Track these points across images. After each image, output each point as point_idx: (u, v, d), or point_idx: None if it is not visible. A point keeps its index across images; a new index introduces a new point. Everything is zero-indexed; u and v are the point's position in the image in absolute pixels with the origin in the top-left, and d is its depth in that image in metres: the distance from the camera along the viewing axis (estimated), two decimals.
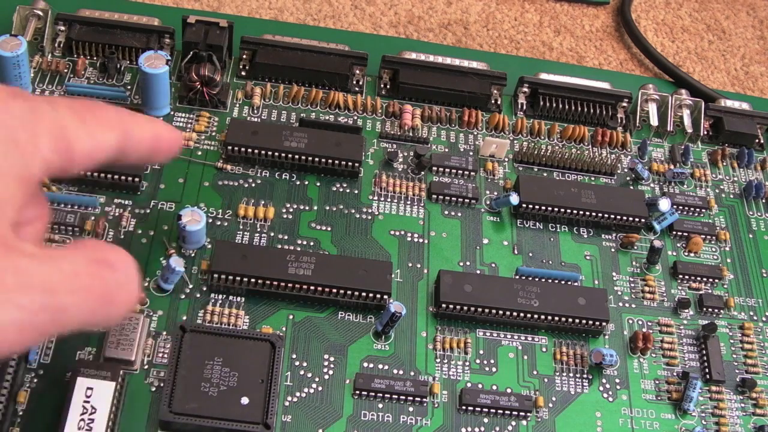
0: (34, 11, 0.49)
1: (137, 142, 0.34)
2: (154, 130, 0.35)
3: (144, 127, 0.34)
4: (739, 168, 0.53)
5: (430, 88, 0.51)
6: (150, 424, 0.37)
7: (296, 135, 0.46)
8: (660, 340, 0.45)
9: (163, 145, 0.36)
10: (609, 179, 0.50)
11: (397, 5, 0.62)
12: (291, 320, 0.42)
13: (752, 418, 0.43)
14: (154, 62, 0.45)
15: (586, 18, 0.64)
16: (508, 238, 0.47)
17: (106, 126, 0.32)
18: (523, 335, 0.43)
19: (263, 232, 0.44)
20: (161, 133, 0.35)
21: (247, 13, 0.58)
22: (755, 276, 0.48)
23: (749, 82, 0.62)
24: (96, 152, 0.31)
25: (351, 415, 0.39)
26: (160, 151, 0.36)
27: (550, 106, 0.52)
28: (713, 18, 0.66)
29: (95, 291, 0.28)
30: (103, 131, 0.32)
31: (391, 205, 0.47)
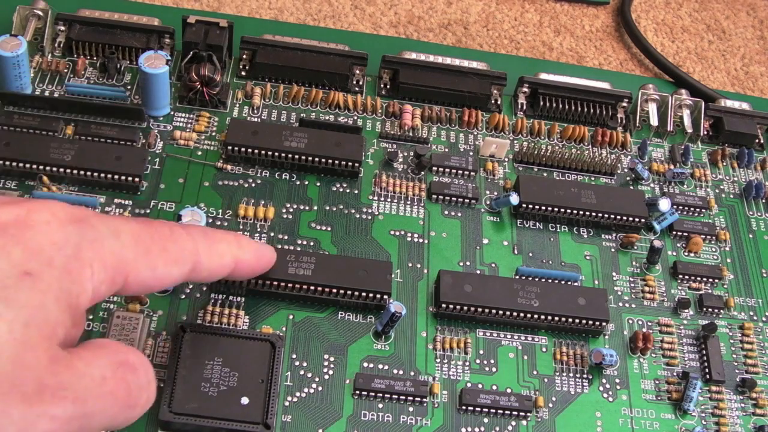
0: (34, 11, 0.49)
1: (210, 273, 0.33)
2: (235, 254, 0.34)
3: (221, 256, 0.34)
4: (739, 168, 0.53)
5: (430, 88, 0.51)
6: (150, 424, 0.37)
7: (296, 135, 0.46)
8: (660, 340, 0.45)
9: (245, 267, 0.35)
10: (609, 179, 0.50)
11: (397, 5, 0.62)
12: (291, 320, 0.42)
13: (752, 418, 0.43)
14: (154, 62, 0.45)
15: (586, 18, 0.64)
16: (508, 238, 0.47)
17: (173, 261, 0.31)
18: (523, 335, 0.43)
19: (263, 232, 0.44)
20: (243, 257, 0.35)
21: (247, 13, 0.58)
22: (755, 276, 0.48)
23: (749, 82, 0.62)
24: (155, 285, 0.31)
25: (351, 415, 0.39)
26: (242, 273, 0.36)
27: (550, 106, 0.52)
28: (713, 18, 0.66)
29: (120, 396, 0.29)
30: (168, 266, 0.31)
31: (391, 205, 0.47)
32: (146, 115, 0.47)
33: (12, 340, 0.25)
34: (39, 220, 0.28)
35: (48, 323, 0.26)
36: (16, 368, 0.25)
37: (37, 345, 0.26)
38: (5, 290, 0.25)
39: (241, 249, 0.35)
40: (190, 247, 0.32)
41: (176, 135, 0.47)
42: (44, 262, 0.27)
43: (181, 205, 0.44)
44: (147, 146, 0.46)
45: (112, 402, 0.28)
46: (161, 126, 0.47)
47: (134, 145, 0.46)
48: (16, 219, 0.27)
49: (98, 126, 0.46)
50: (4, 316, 0.25)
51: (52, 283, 0.27)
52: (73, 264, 0.28)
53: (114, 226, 0.30)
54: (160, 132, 0.47)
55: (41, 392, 0.26)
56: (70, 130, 0.46)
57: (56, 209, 0.28)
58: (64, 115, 0.47)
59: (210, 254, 0.33)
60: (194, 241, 0.33)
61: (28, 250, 0.27)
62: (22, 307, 0.26)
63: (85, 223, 0.29)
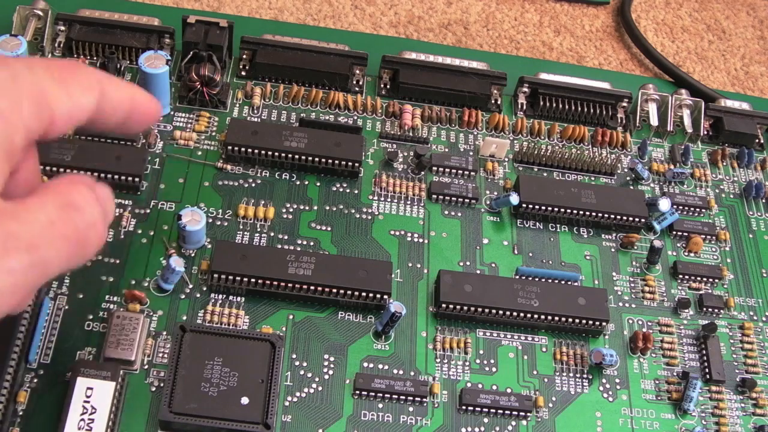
0: (34, 11, 0.49)
1: (115, 104, 0.33)
2: (131, 92, 0.35)
3: (121, 89, 0.34)
4: (739, 168, 0.53)
5: (430, 88, 0.51)
6: (150, 424, 0.37)
7: (296, 135, 0.46)
8: (660, 340, 0.45)
9: (140, 109, 0.35)
10: (609, 179, 0.50)
11: (397, 5, 0.62)
12: (291, 320, 0.42)
13: (752, 418, 0.43)
14: (154, 62, 0.45)
15: (586, 18, 0.64)
16: (508, 238, 0.47)
17: (85, 87, 0.32)
18: (523, 335, 0.43)
19: (263, 232, 0.44)
20: (137, 96, 0.35)
21: (247, 13, 0.58)
22: (755, 276, 0.48)
23: (749, 82, 0.62)
24: (75, 114, 0.31)
25: (351, 415, 0.39)
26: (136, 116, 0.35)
27: (550, 106, 0.52)
28: (713, 18, 0.66)
29: (70, 237, 0.29)
30: (83, 92, 0.31)
31: (391, 205, 0.47)
32: None
33: None
34: None
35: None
36: None
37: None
38: None
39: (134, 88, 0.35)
40: (95, 77, 0.33)
41: (176, 135, 0.47)
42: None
43: (181, 205, 0.44)
44: (147, 146, 0.46)
45: (63, 244, 0.28)
46: (161, 126, 0.47)
47: (134, 145, 0.46)
48: None
49: None
50: None
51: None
52: (2, 104, 0.27)
53: (26, 63, 0.30)
54: (160, 132, 0.47)
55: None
56: None
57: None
58: None
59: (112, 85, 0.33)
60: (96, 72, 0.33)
61: None
62: None
63: (1, 62, 0.29)
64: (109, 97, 0.33)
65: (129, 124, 0.36)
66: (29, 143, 0.29)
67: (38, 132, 0.29)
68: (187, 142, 0.47)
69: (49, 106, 0.29)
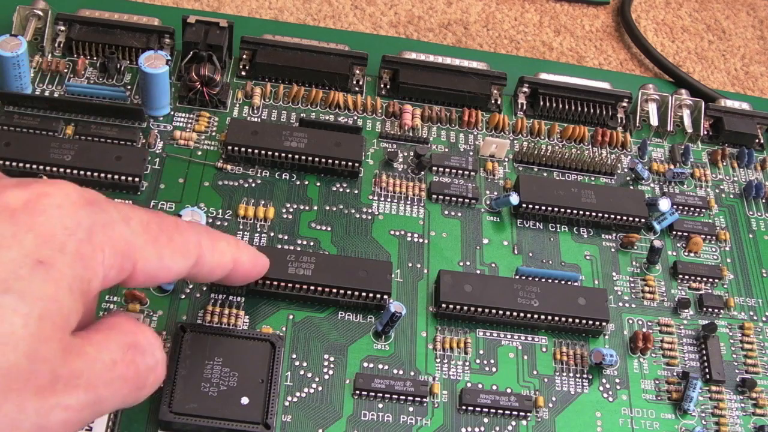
0: (34, 11, 0.49)
1: (213, 267, 0.33)
2: (235, 255, 0.34)
3: (222, 254, 0.34)
4: (739, 168, 0.53)
5: (430, 88, 0.51)
6: (150, 424, 0.37)
7: (296, 135, 0.46)
8: (660, 340, 0.45)
9: (241, 269, 0.35)
10: (609, 179, 0.50)
11: (397, 5, 0.62)
12: (291, 320, 0.42)
13: (752, 418, 0.43)
14: (154, 62, 0.45)
15: (586, 18, 0.64)
16: (508, 238, 0.47)
17: (179, 252, 0.31)
18: (523, 335, 0.43)
19: (263, 232, 0.44)
20: (242, 258, 0.35)
21: (247, 13, 0.58)
22: (755, 276, 0.48)
23: (749, 82, 0.62)
24: (160, 275, 0.31)
25: (351, 415, 0.39)
26: (237, 276, 0.36)
27: (550, 106, 0.52)
28: (713, 18, 0.66)
29: (130, 379, 0.29)
30: (175, 257, 0.31)
31: (391, 205, 0.47)
32: (146, 115, 0.47)
33: (27, 335, 0.25)
34: (50, 204, 0.27)
35: (62, 314, 0.26)
36: (30, 362, 0.25)
37: (51, 337, 0.25)
38: (19, 282, 0.25)
39: (239, 250, 0.35)
40: (195, 240, 0.32)
41: (176, 135, 0.47)
42: (57, 249, 0.26)
43: (181, 205, 0.44)
44: (147, 146, 0.46)
45: (122, 385, 0.28)
46: (161, 126, 0.47)
47: (134, 145, 0.46)
48: (26, 204, 0.27)
49: (98, 126, 0.46)
50: (20, 310, 0.25)
51: (65, 271, 0.26)
52: (86, 248, 0.27)
53: (124, 212, 0.29)
54: (160, 132, 0.47)
55: (54, 383, 0.26)
56: (70, 130, 0.46)
57: (68, 191, 0.28)
58: (64, 115, 0.47)
59: (212, 250, 0.33)
60: (198, 235, 0.33)
61: (40, 236, 0.26)
62: (37, 299, 0.25)
63: (97, 206, 0.28)
64: (206, 261, 0.33)
65: (231, 281, 0.36)
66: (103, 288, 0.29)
67: (116, 281, 0.29)
68: (187, 142, 0.47)
69: (134, 263, 0.29)
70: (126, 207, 0.30)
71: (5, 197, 0.26)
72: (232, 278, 0.36)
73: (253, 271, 0.37)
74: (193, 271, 0.32)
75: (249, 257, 0.36)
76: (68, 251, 0.26)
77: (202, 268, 0.33)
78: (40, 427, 0.25)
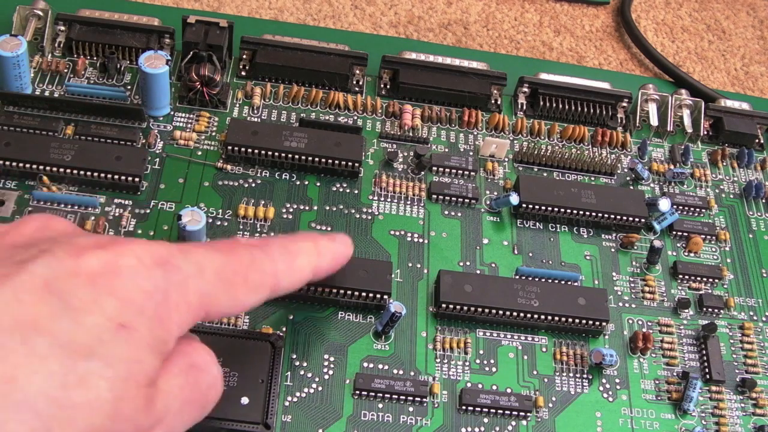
0: (34, 11, 0.49)
1: (287, 290, 0.33)
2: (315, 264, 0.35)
3: (300, 271, 0.34)
4: (739, 168, 0.53)
5: (430, 88, 0.51)
6: None
7: (296, 135, 0.46)
8: (660, 340, 0.45)
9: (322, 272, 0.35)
10: (609, 179, 0.50)
11: (397, 5, 0.62)
12: (291, 320, 0.42)
13: (752, 418, 0.43)
14: (154, 62, 0.45)
15: (586, 18, 0.64)
16: (508, 238, 0.47)
17: (253, 288, 0.31)
18: (523, 335, 0.43)
19: (263, 232, 0.44)
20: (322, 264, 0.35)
21: (247, 13, 0.58)
22: (755, 276, 0.48)
23: (749, 82, 0.62)
24: (233, 311, 0.31)
25: (351, 415, 0.39)
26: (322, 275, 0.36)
27: (550, 106, 0.52)
28: (713, 18, 0.66)
29: (195, 401, 0.29)
30: (248, 295, 0.31)
31: (391, 205, 0.47)
32: (146, 115, 0.47)
33: (112, 398, 0.25)
34: (126, 265, 0.27)
35: (144, 373, 0.26)
36: (114, 422, 0.25)
37: (135, 395, 0.26)
38: (103, 346, 0.25)
39: (320, 257, 0.35)
40: (271, 272, 0.32)
41: (176, 135, 0.47)
42: (136, 312, 0.26)
43: (181, 205, 0.44)
44: (147, 146, 0.46)
45: (189, 409, 0.29)
46: (161, 126, 0.47)
47: (134, 145, 0.46)
48: (104, 267, 0.27)
49: (98, 126, 0.46)
50: (105, 374, 0.25)
51: (145, 333, 0.26)
52: (163, 311, 0.27)
53: (197, 262, 0.29)
54: (160, 132, 0.47)
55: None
56: (70, 130, 0.46)
57: (140, 252, 0.28)
58: (64, 115, 0.47)
59: (290, 273, 0.33)
60: (274, 263, 0.32)
61: (120, 300, 0.26)
62: (120, 362, 0.25)
63: (170, 264, 0.28)
64: (283, 286, 0.33)
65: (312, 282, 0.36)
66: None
67: (186, 331, 0.29)
68: (187, 142, 0.47)
69: (208, 308, 0.29)
70: (199, 254, 0.30)
71: (84, 261, 0.26)
72: (318, 278, 0.36)
73: (334, 267, 0.37)
74: (268, 298, 0.32)
75: (329, 259, 0.36)
76: (147, 314, 0.27)
77: (277, 293, 0.33)
78: None
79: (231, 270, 0.30)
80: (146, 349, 0.26)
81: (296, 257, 0.34)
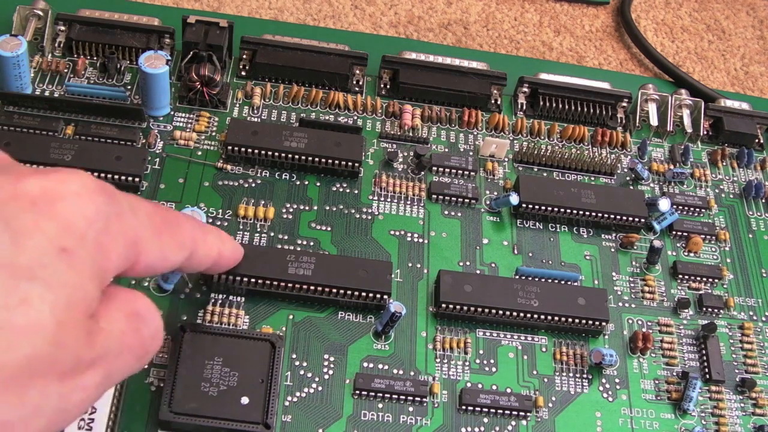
0: (34, 11, 0.50)
1: (201, 260, 0.34)
2: (219, 248, 0.36)
3: (210, 247, 0.35)
4: (739, 168, 0.53)
5: (430, 88, 0.51)
6: (150, 424, 0.37)
7: (296, 135, 0.46)
8: (660, 340, 0.45)
9: (222, 261, 0.37)
10: (609, 179, 0.50)
11: (397, 5, 0.62)
12: (291, 320, 0.42)
13: (752, 418, 0.43)
14: (154, 62, 0.45)
15: (586, 18, 0.64)
16: (508, 238, 0.47)
17: (178, 245, 0.32)
18: (522, 335, 0.43)
19: (263, 232, 0.44)
20: (224, 250, 0.36)
21: (247, 13, 0.58)
22: (755, 276, 0.48)
23: (749, 82, 0.62)
24: (158, 266, 0.31)
25: (351, 415, 0.39)
26: (216, 267, 0.37)
27: (550, 106, 0.52)
28: (713, 18, 0.66)
29: (135, 348, 0.29)
30: (174, 250, 0.31)
31: (391, 205, 0.47)
32: (146, 115, 0.47)
33: (54, 322, 0.25)
34: (68, 191, 0.27)
35: (85, 300, 0.26)
36: (56, 349, 0.25)
37: (76, 324, 0.26)
38: (44, 269, 0.25)
39: (223, 243, 0.36)
40: (191, 234, 0.33)
41: (176, 135, 0.47)
42: (78, 237, 0.26)
43: (181, 205, 0.44)
44: (147, 146, 0.46)
45: (129, 356, 0.29)
46: (161, 126, 0.47)
47: (134, 145, 0.46)
48: (44, 191, 0.26)
49: (98, 126, 0.46)
50: (46, 297, 0.25)
51: (86, 260, 0.26)
52: (104, 238, 0.27)
53: (132, 203, 0.29)
54: (160, 132, 0.47)
55: (77, 367, 0.26)
56: (70, 130, 0.46)
57: (85, 180, 0.28)
58: (64, 115, 0.47)
59: (204, 244, 0.34)
60: (193, 229, 0.33)
61: (61, 224, 0.26)
62: (62, 286, 0.25)
63: (111, 196, 0.28)
64: (198, 254, 0.33)
65: (209, 271, 0.38)
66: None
67: (120, 271, 0.29)
68: (187, 142, 0.47)
69: (138, 254, 0.29)
70: (132, 198, 0.30)
71: (24, 185, 0.26)
72: (213, 269, 0.37)
73: (231, 260, 0.38)
74: (184, 264, 0.33)
75: (230, 248, 0.37)
76: (89, 240, 0.27)
77: (192, 261, 0.33)
78: (61, 410, 0.26)
79: (160, 219, 0.31)
80: (87, 276, 0.26)
81: (207, 233, 0.35)
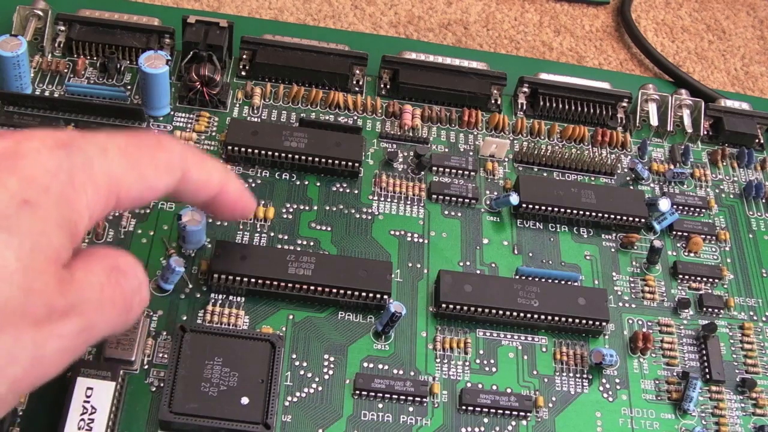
0: (34, 11, 0.50)
1: (199, 186, 0.33)
2: (222, 179, 0.34)
3: (208, 172, 0.33)
4: (739, 168, 0.53)
5: (430, 88, 0.51)
6: (150, 424, 0.37)
7: (296, 135, 0.46)
8: (660, 340, 0.45)
9: (227, 197, 0.35)
10: (609, 179, 0.50)
11: (397, 5, 0.62)
12: (291, 320, 0.42)
13: (752, 418, 0.43)
14: (154, 62, 0.45)
15: (586, 18, 0.64)
16: (508, 238, 0.47)
17: (163, 169, 0.31)
18: (523, 335, 0.43)
19: (263, 232, 0.44)
20: (228, 185, 0.35)
21: (247, 13, 0.58)
22: (755, 276, 0.48)
23: (749, 82, 0.62)
24: (146, 195, 0.31)
25: (351, 415, 0.39)
26: (223, 205, 0.35)
27: (550, 106, 0.52)
28: (713, 18, 0.67)
29: (117, 301, 0.29)
30: (158, 174, 0.31)
31: (391, 205, 0.47)
32: (146, 115, 0.47)
33: (21, 267, 0.25)
34: (28, 148, 0.27)
35: (52, 247, 0.26)
36: (26, 295, 0.25)
37: (44, 269, 0.26)
38: (6, 220, 0.25)
39: (228, 177, 0.35)
40: (180, 155, 0.32)
41: (176, 135, 0.47)
42: (41, 190, 0.27)
43: (181, 205, 0.44)
44: None
45: (111, 309, 0.29)
46: (161, 126, 0.47)
47: None
48: (5, 150, 0.27)
49: (98, 126, 0.46)
50: (10, 243, 0.25)
51: (51, 210, 0.27)
52: (69, 190, 0.27)
53: (101, 144, 0.29)
54: (161, 132, 0.47)
55: (50, 314, 0.26)
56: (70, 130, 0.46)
57: (42, 136, 0.28)
58: (64, 115, 0.47)
59: (199, 167, 0.33)
60: (184, 151, 0.32)
61: (23, 179, 0.26)
62: (26, 234, 0.26)
63: (73, 146, 0.28)
64: (193, 177, 0.32)
65: (215, 210, 0.35)
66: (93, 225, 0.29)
67: (104, 215, 0.29)
68: (187, 142, 0.47)
69: (116, 193, 0.29)
70: (102, 137, 0.30)
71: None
72: (219, 207, 0.35)
73: (239, 203, 0.36)
74: (180, 188, 0.32)
75: (236, 187, 0.36)
76: (52, 193, 0.27)
77: (188, 185, 0.33)
78: (37, 358, 0.26)
79: (136, 148, 0.30)
80: (52, 225, 0.26)
81: (206, 159, 0.34)
